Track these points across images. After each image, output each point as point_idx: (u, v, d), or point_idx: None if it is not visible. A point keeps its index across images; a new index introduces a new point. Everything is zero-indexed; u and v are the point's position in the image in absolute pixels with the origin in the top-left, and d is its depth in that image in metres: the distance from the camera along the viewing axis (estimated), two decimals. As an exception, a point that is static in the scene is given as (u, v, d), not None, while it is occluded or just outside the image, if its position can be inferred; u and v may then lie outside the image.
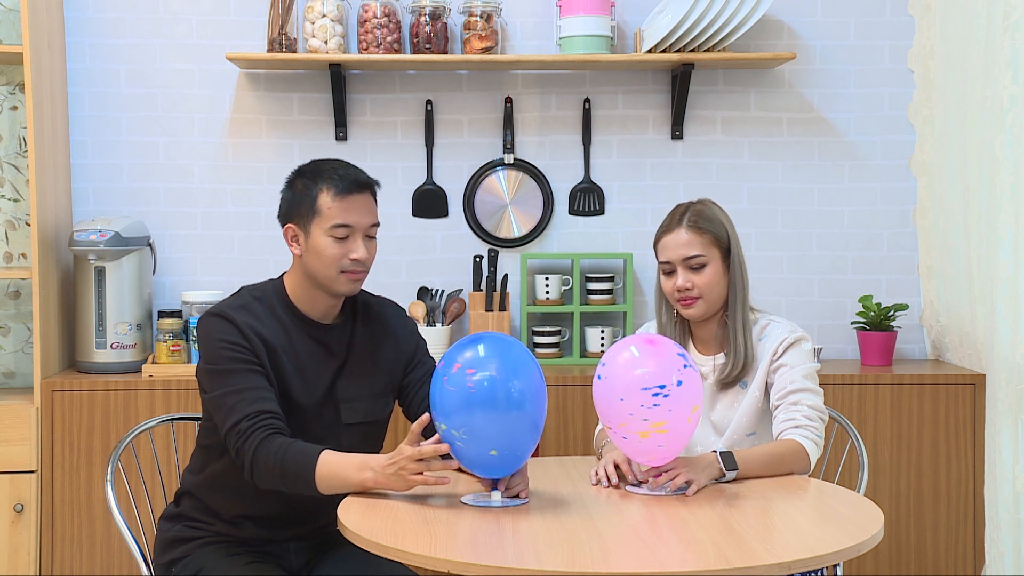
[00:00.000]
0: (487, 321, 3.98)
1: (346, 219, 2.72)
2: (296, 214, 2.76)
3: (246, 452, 2.59)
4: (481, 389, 2.43)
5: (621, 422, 2.53)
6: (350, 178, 2.76)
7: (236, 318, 2.71)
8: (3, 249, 4.01)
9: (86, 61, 4.03)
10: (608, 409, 2.56)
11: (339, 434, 2.80)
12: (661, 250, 2.93)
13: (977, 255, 3.68)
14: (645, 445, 2.53)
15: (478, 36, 3.93)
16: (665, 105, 4.13)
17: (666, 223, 2.95)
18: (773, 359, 2.88)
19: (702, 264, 2.88)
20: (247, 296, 2.80)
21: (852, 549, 2.24)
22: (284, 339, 2.75)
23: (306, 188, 2.75)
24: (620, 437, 2.56)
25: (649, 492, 2.59)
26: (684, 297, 2.89)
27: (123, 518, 2.84)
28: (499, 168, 4.11)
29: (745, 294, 2.92)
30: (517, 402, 2.44)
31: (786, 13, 4.12)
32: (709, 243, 2.89)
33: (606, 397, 2.56)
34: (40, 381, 3.65)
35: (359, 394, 2.83)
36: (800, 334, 2.91)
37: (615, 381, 2.54)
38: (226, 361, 2.67)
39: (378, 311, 2.93)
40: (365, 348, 2.86)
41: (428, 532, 2.32)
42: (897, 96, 4.15)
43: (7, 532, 3.61)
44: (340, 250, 2.72)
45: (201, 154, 4.08)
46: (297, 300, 2.80)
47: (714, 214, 2.93)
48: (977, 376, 3.76)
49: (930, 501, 3.80)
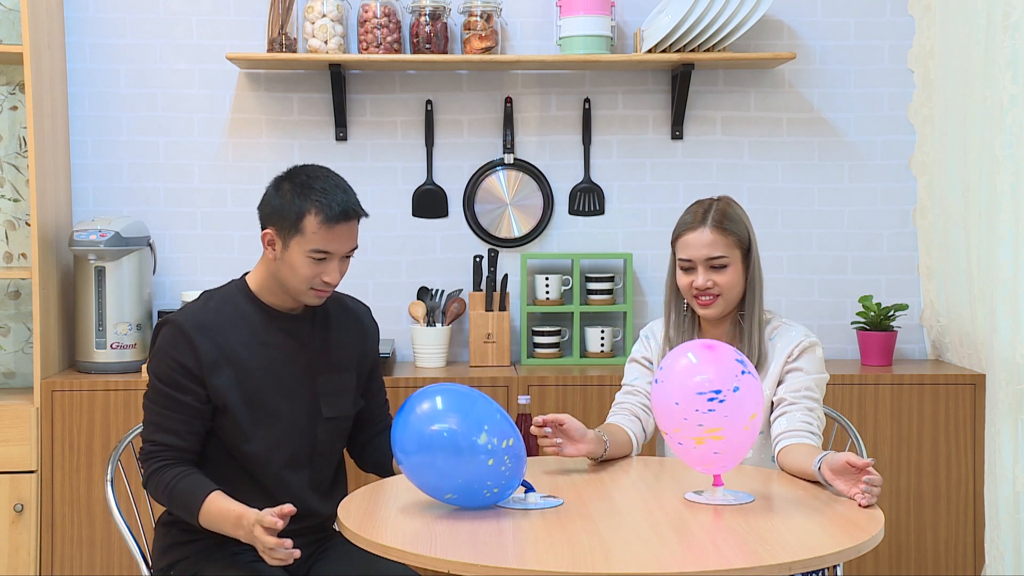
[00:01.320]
0: (487, 321, 3.97)
1: (328, 247, 2.72)
2: (278, 223, 2.74)
3: (144, 472, 2.77)
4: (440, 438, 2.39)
5: (676, 427, 2.47)
6: (341, 207, 2.71)
7: (190, 330, 2.74)
8: (3, 249, 4.02)
9: (86, 61, 4.03)
10: (664, 413, 2.50)
11: (316, 427, 2.83)
12: (682, 247, 2.91)
13: (977, 255, 3.68)
14: (701, 452, 2.46)
15: (478, 36, 3.93)
16: (665, 105, 4.13)
17: (688, 220, 2.92)
18: (788, 360, 2.88)
19: (724, 265, 2.87)
20: (208, 300, 2.83)
21: (852, 549, 2.23)
22: (251, 337, 2.78)
23: (293, 201, 2.72)
24: (676, 443, 2.49)
25: (709, 501, 2.50)
26: (703, 296, 2.89)
27: (123, 518, 2.84)
28: (499, 168, 4.11)
29: (761, 294, 2.93)
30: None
31: (786, 13, 4.12)
32: (732, 244, 2.88)
33: (662, 401, 2.49)
34: (40, 381, 3.65)
35: (338, 388, 2.86)
36: (814, 339, 2.92)
37: (670, 385, 2.48)
38: (163, 377, 2.74)
39: (350, 305, 2.98)
40: (338, 342, 2.88)
41: (428, 532, 2.32)
42: (897, 96, 4.15)
43: (7, 532, 3.61)
44: (314, 271, 2.73)
45: (201, 154, 4.08)
46: (263, 295, 2.82)
47: (737, 214, 2.93)
48: (977, 376, 3.76)
49: (930, 501, 3.80)
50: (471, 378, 3.77)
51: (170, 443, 2.73)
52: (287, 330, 2.82)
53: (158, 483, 2.72)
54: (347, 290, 3.12)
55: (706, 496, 2.50)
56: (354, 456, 3.02)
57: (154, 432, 2.75)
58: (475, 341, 3.98)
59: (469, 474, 2.37)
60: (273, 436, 2.78)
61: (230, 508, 2.62)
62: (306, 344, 2.84)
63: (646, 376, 3.00)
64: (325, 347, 2.86)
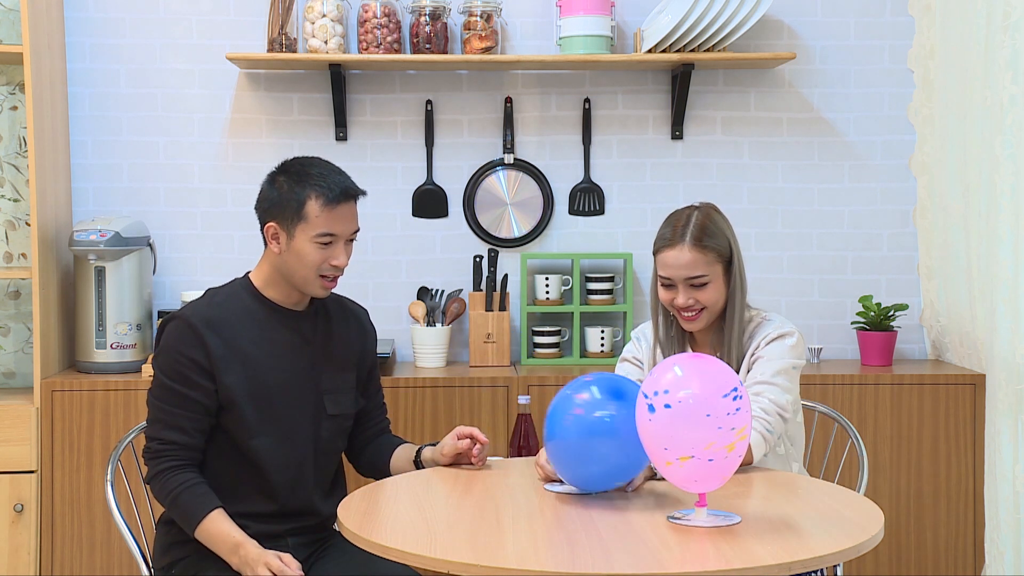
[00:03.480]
0: (487, 321, 3.97)
1: (333, 228, 2.74)
2: (279, 215, 2.76)
3: (149, 470, 2.76)
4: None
5: (709, 442, 2.25)
6: (339, 187, 2.75)
7: (198, 324, 2.74)
8: (3, 249, 4.02)
9: (86, 61, 4.03)
10: (690, 434, 2.25)
11: (320, 424, 2.84)
12: (661, 264, 2.85)
13: (977, 255, 3.68)
14: (730, 461, 2.28)
15: (478, 36, 3.93)
16: (665, 105, 4.13)
17: (668, 235, 2.85)
18: (755, 351, 2.86)
19: (705, 283, 2.83)
20: (213, 297, 2.84)
21: (852, 549, 2.23)
22: (256, 332, 2.79)
23: (292, 191, 2.75)
24: (705, 461, 2.26)
25: (695, 524, 2.36)
26: (686, 312, 2.86)
27: (123, 518, 2.84)
28: (499, 168, 4.11)
29: (743, 300, 2.89)
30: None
31: (786, 13, 4.12)
32: (712, 260, 2.83)
33: (685, 422, 2.26)
34: (40, 381, 3.65)
35: (340, 386, 2.88)
36: (786, 330, 2.85)
37: (692, 403, 2.26)
38: (171, 373, 2.75)
39: (349, 306, 2.99)
40: (340, 339, 2.90)
41: (428, 532, 2.32)
42: (897, 96, 4.15)
43: (7, 532, 3.61)
44: (322, 256, 2.75)
45: (201, 154, 4.08)
46: (267, 292, 2.83)
47: (717, 227, 2.85)
48: (977, 376, 3.76)
49: (930, 501, 3.80)
50: (471, 378, 3.77)
51: (176, 440, 2.73)
52: (292, 327, 2.83)
53: (163, 486, 2.73)
54: (347, 290, 3.13)
55: (691, 518, 2.35)
56: (350, 458, 3.03)
57: (160, 429, 2.75)
58: (475, 341, 3.98)
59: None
60: (279, 432, 2.78)
61: (230, 533, 2.65)
62: (310, 341, 2.85)
63: (636, 374, 2.99)
64: (328, 344, 2.87)
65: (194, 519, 2.68)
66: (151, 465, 2.76)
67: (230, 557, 2.64)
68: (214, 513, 2.67)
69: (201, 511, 2.67)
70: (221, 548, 2.65)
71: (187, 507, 2.69)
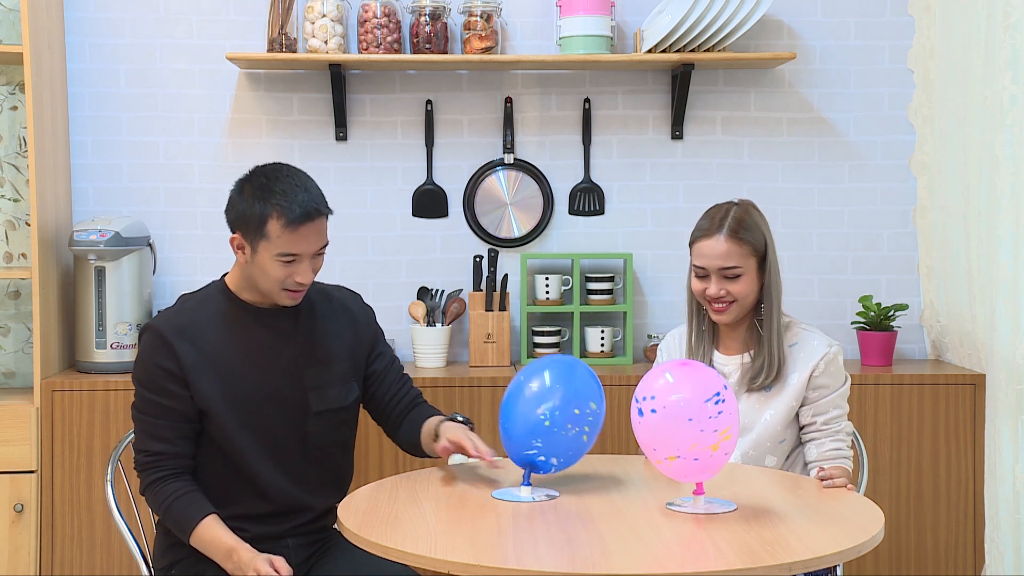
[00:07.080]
0: (487, 321, 3.97)
1: (295, 249, 2.71)
2: (243, 227, 2.74)
3: (141, 482, 2.78)
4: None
5: (693, 443, 2.40)
6: (301, 208, 2.68)
7: (167, 333, 2.74)
8: (3, 249, 4.02)
9: (86, 61, 4.03)
10: (675, 436, 2.41)
11: (306, 421, 2.82)
12: (696, 254, 2.91)
13: (977, 255, 3.68)
14: (716, 458, 2.42)
15: (478, 36, 3.93)
16: (665, 105, 4.13)
17: (705, 226, 2.92)
18: (814, 373, 2.90)
19: (738, 275, 2.87)
20: (184, 303, 2.85)
21: (852, 550, 2.24)
22: (229, 334, 2.78)
23: (254, 206, 2.71)
24: (691, 460, 2.41)
25: (692, 511, 2.45)
26: (716, 303, 2.89)
27: (123, 518, 2.84)
28: (499, 168, 4.11)
29: (779, 299, 2.93)
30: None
31: (786, 13, 4.12)
32: (747, 253, 2.88)
33: (670, 425, 2.41)
34: (40, 381, 3.65)
35: (327, 381, 2.85)
36: (836, 348, 2.94)
37: (676, 408, 2.41)
38: (148, 384, 2.75)
39: (336, 295, 2.96)
40: (325, 332, 2.87)
41: (428, 532, 2.32)
42: (897, 96, 4.15)
43: (7, 532, 3.61)
44: (286, 272, 2.73)
45: (201, 154, 4.08)
46: (242, 294, 2.82)
47: (754, 221, 2.91)
48: (977, 376, 3.76)
49: (930, 501, 3.80)
50: (471, 378, 3.77)
51: (163, 451, 2.74)
52: (270, 326, 2.81)
53: (154, 497, 2.74)
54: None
55: (688, 505, 2.46)
56: (394, 440, 2.98)
57: (146, 441, 2.75)
58: (475, 341, 3.98)
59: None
60: (261, 434, 2.77)
61: (222, 539, 2.65)
62: (290, 339, 2.83)
63: None
64: (311, 340, 2.85)
65: (187, 528, 2.68)
66: (142, 477, 2.77)
67: (224, 563, 2.64)
68: (206, 520, 2.67)
69: (193, 519, 2.68)
70: (216, 554, 2.66)
71: (179, 516, 2.70)
